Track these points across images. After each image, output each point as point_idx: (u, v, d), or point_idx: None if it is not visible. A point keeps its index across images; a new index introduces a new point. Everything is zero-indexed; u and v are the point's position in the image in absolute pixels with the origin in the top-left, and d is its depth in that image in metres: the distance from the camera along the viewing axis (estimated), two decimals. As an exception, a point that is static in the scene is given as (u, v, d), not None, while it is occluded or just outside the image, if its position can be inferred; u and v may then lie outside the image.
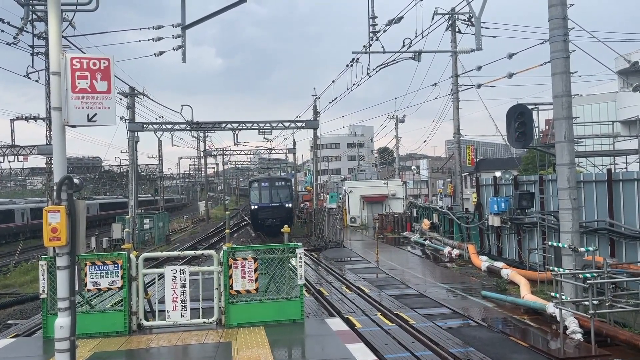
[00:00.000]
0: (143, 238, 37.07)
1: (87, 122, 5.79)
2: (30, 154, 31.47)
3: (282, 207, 35.83)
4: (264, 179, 38.60)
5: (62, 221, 5.46)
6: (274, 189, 36.46)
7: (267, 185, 36.87)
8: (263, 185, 36.96)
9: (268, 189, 36.60)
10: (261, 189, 36.64)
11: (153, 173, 61.75)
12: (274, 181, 37.85)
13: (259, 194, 36.51)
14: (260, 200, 36.21)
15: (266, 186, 36.82)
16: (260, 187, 36.84)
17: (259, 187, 36.99)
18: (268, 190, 36.43)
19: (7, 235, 47.69)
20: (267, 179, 38.46)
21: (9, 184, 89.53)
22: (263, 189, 36.58)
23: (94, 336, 8.42)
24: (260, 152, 63.38)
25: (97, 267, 8.65)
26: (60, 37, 5.89)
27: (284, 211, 35.64)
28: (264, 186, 36.87)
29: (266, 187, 36.72)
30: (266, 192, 36.41)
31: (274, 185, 36.88)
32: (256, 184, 37.70)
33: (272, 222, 34.05)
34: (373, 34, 20.11)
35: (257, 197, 36.64)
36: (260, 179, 39.41)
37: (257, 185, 37.59)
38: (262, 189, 36.66)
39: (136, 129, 32.11)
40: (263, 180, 38.16)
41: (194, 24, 13.96)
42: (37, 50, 23.40)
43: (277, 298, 9.14)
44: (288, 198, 36.82)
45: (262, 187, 36.81)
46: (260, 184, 37.38)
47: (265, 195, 36.41)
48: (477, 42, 21.65)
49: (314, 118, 36.52)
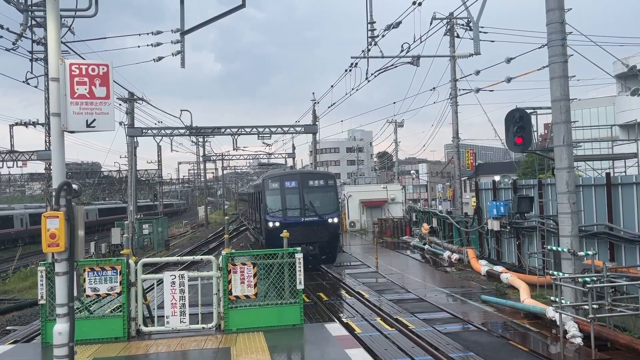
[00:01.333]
0: (142, 243, 37.01)
1: (86, 127, 5.80)
2: (29, 159, 31.43)
3: (323, 225, 21.02)
4: (290, 176, 22.85)
5: (60, 227, 5.45)
6: (308, 193, 21.78)
7: (295, 187, 21.93)
8: (288, 186, 22.04)
9: (297, 192, 21.78)
10: (285, 193, 21.91)
11: (152, 178, 61.68)
12: (307, 179, 22.41)
13: (281, 200, 21.75)
14: (283, 213, 21.32)
15: (294, 187, 21.94)
16: (284, 190, 21.97)
17: (280, 188, 22.01)
18: (297, 195, 21.69)
19: (6, 241, 47.60)
20: (294, 175, 22.83)
21: (8, 190, 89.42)
22: (289, 192, 21.88)
23: (93, 342, 8.39)
24: (260, 156, 63.37)
25: (96, 272, 8.63)
26: (59, 43, 5.90)
27: (325, 231, 21.14)
28: (290, 187, 22.06)
29: (294, 190, 21.88)
30: (294, 197, 21.72)
31: (308, 185, 21.95)
32: (275, 184, 22.18)
33: (306, 251, 17.81)
34: (372, 39, 20.16)
35: (276, 206, 21.74)
36: (282, 175, 23.14)
37: (276, 185, 22.19)
38: (287, 191, 21.95)
39: (135, 134, 32.12)
40: (288, 178, 22.50)
41: (193, 29, 13.98)
42: (36, 56, 23.43)
43: (276, 303, 9.12)
44: (333, 208, 21.78)
45: (286, 190, 22.00)
46: (284, 183, 22.08)
47: (292, 202, 21.70)
48: (476, 47, 21.71)
49: (313, 123, 36.55)
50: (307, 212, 21.01)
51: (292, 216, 20.96)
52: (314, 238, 20.61)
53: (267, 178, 22.64)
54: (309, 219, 20.86)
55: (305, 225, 20.55)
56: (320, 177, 22.89)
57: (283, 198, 21.48)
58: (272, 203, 21.69)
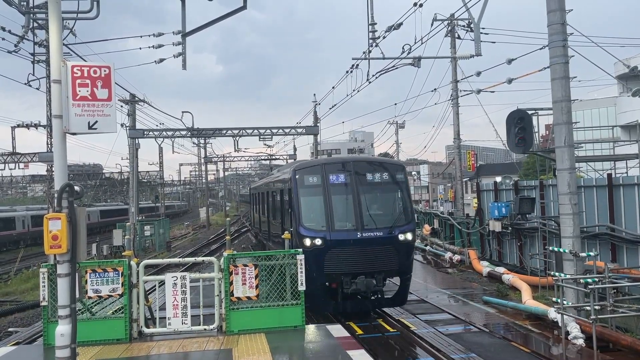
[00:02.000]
0: (144, 245, 37.04)
1: (88, 129, 5.81)
2: (31, 161, 31.50)
3: (391, 244, 12.71)
4: (337, 165, 13.65)
5: (62, 228, 5.47)
6: (366, 192, 13.31)
7: (345, 182, 13.26)
8: (335, 182, 13.24)
9: (350, 190, 13.12)
10: (330, 192, 13.04)
11: (154, 180, 61.77)
12: (365, 170, 13.59)
13: (325, 204, 12.88)
14: (328, 225, 12.62)
15: (343, 184, 13.25)
16: (328, 187, 13.07)
17: (323, 185, 13.07)
18: (350, 196, 13.04)
19: (8, 243, 47.68)
20: (344, 165, 13.62)
21: (10, 191, 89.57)
22: (336, 191, 13.16)
23: (95, 344, 8.40)
24: (261, 158, 63.39)
25: (98, 274, 8.64)
26: (61, 45, 5.92)
27: (395, 254, 12.74)
28: (338, 184, 13.26)
29: (344, 187, 13.20)
30: (345, 199, 13.10)
31: (366, 180, 13.45)
32: (313, 178, 13.34)
33: (365, 287, 12.18)
34: (373, 40, 20.17)
35: (315, 214, 13.13)
36: (326, 164, 13.72)
37: (315, 180, 13.33)
38: (334, 189, 13.14)
39: (137, 135, 32.15)
40: (335, 169, 13.43)
41: (194, 31, 14.01)
42: (38, 58, 23.47)
43: (277, 304, 9.12)
44: (406, 217, 13.30)
45: (332, 187, 13.14)
46: (328, 176, 13.18)
47: (342, 207, 13.11)
48: (477, 48, 21.71)
49: (314, 124, 36.56)
50: (367, 224, 12.39)
51: (343, 230, 12.35)
52: (378, 265, 12.26)
53: (301, 169, 13.33)
54: (369, 234, 12.26)
55: (364, 245, 12.15)
56: (385, 167, 13.61)
57: (327, 200, 12.58)
58: (308, 209, 12.85)
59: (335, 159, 16.13)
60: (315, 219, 12.80)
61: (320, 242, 12.21)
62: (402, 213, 13.27)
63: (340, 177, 13.31)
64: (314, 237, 12.30)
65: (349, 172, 13.22)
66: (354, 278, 12.00)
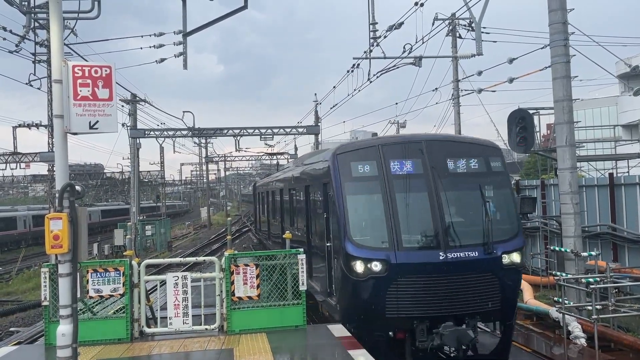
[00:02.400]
0: (145, 245, 37.08)
1: (89, 129, 5.81)
2: (32, 161, 31.54)
3: (491, 270, 8.22)
4: (404, 146, 9.08)
5: (64, 228, 5.47)
6: (449, 190, 8.62)
7: (417, 173, 8.70)
8: (400, 172, 8.70)
9: (424, 186, 8.59)
10: (393, 189, 8.56)
11: (155, 179, 61.79)
12: (445, 155, 8.91)
13: (387, 208, 8.48)
14: (392, 241, 8.25)
15: (414, 175, 8.69)
16: (391, 181, 8.59)
17: (383, 178, 8.67)
18: (426, 195, 8.53)
19: (9, 243, 47.74)
20: (413, 145, 9.00)
21: (11, 191, 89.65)
22: (399, 186, 8.61)
23: (96, 343, 8.40)
24: (262, 157, 63.35)
25: (99, 274, 8.64)
26: (62, 45, 5.92)
27: (496, 285, 8.25)
28: (403, 173, 8.71)
29: (416, 181, 8.66)
30: (418, 200, 8.62)
31: (447, 171, 8.76)
32: (367, 166, 8.85)
33: (457, 338, 7.83)
34: (374, 40, 20.15)
35: (372, 224, 8.80)
36: (384, 145, 9.10)
37: (370, 169, 8.82)
38: (399, 185, 8.63)
39: (138, 135, 32.16)
40: (400, 152, 8.91)
41: (195, 30, 14.00)
42: (39, 58, 23.49)
43: (279, 304, 9.12)
44: (510, 227, 8.92)
45: (396, 180, 8.62)
46: (388, 164, 8.73)
47: (415, 214, 8.60)
48: (478, 47, 21.68)
49: (315, 123, 36.55)
50: (453, 240, 8.42)
51: (416, 248, 8.53)
52: (471, 304, 8.26)
53: (346, 152, 9.34)
54: (457, 254, 8.26)
55: (451, 271, 8.19)
56: (476, 149, 9.36)
57: (389, 201, 8.63)
58: (358, 214, 8.94)
59: (399, 137, 10.40)
60: (371, 231, 8.52)
61: (379, 268, 7.98)
62: (504, 221, 8.80)
63: (407, 164, 8.61)
64: (370, 259, 7.99)
65: (420, 157, 8.67)
66: (435, 325, 7.88)
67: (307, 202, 11.71)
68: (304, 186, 12.00)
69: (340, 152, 9.26)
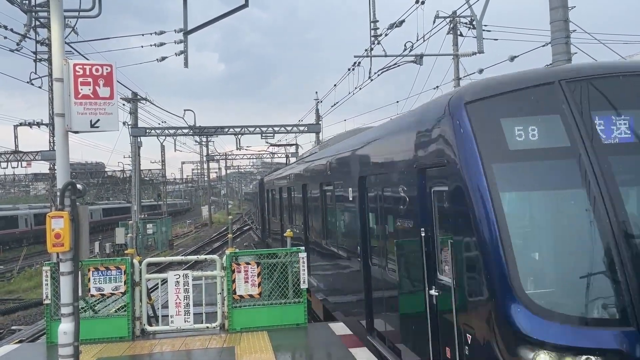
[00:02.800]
0: (146, 243, 37.11)
1: (90, 128, 5.81)
2: (34, 159, 31.60)
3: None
4: (607, 82, 4.41)
5: (65, 227, 5.47)
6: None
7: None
8: (614, 133, 4.18)
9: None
10: (609, 177, 4.04)
11: (156, 178, 61.85)
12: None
13: (603, 228, 3.94)
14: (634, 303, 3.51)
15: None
16: (601, 159, 4.10)
17: (589, 151, 4.16)
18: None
19: (11, 241, 47.82)
20: (622, 79, 4.32)
21: (13, 190, 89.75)
22: (624, 172, 4.09)
23: (98, 342, 8.41)
24: (263, 156, 63.37)
25: (101, 272, 8.65)
26: (63, 44, 5.92)
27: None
28: (626, 143, 4.15)
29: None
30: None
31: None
32: (533, 130, 4.29)
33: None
34: (374, 38, 20.13)
35: (566, 261, 4.13)
36: (563, 82, 4.42)
37: (546, 136, 4.29)
38: (616, 165, 4.07)
39: (139, 134, 32.17)
40: (615, 94, 4.35)
41: (196, 29, 13.98)
42: (40, 57, 23.52)
43: (280, 302, 9.12)
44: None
45: (610, 161, 4.09)
46: (591, 122, 4.27)
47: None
48: (479, 45, 21.64)
49: (316, 122, 36.55)
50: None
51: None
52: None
53: (492, 101, 4.61)
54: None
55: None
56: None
57: (612, 208, 4.04)
58: (534, 239, 4.43)
59: (601, 66, 5.11)
60: (567, 274, 4.31)
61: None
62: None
63: (623, 122, 4.50)
64: (573, 348, 3.81)
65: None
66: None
67: (364, 203, 7.52)
68: (357, 179, 7.70)
69: (473, 97, 4.64)
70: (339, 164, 9.23)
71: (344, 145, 9.28)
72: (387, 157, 6.76)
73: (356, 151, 8.21)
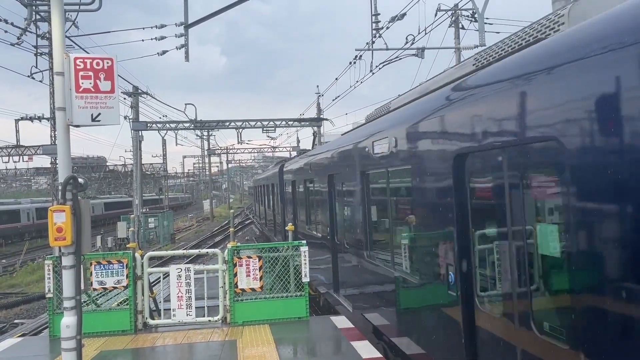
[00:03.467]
0: (148, 237, 37.20)
1: (91, 122, 5.81)
2: (35, 154, 31.61)
3: None
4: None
5: (67, 221, 5.48)
6: None
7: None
8: None
9: None
10: None
11: (157, 172, 61.90)
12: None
13: None
14: None
15: None
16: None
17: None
18: None
19: (13, 235, 47.96)
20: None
21: (14, 184, 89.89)
22: None
23: (100, 335, 8.44)
24: (264, 150, 63.35)
25: (103, 266, 8.67)
26: (64, 37, 5.90)
27: None
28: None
29: None
30: None
31: None
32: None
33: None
34: (376, 31, 20.08)
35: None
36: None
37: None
38: None
39: (140, 128, 32.17)
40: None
41: (197, 22, 13.98)
42: (40, 51, 23.49)
43: (282, 296, 9.14)
44: None
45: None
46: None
47: None
48: (481, 38, 21.58)
49: (317, 116, 36.51)
50: None
51: None
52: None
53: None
54: None
55: None
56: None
57: None
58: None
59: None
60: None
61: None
62: None
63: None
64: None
65: None
66: None
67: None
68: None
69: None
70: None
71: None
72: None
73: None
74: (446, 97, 5.41)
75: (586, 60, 3.18)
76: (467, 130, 4.63)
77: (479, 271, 4.62)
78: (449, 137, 5.07)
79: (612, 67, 2.96)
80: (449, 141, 5.05)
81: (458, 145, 4.80)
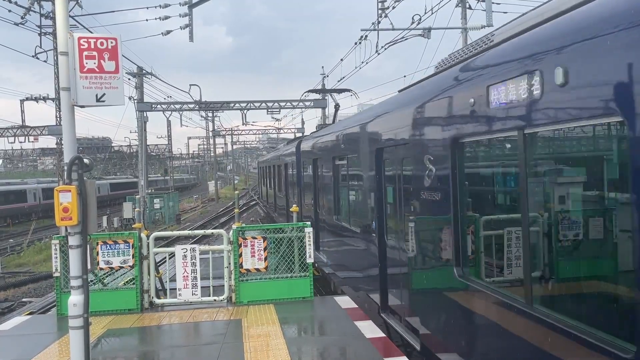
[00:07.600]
0: (153, 218, 37.41)
1: (96, 102, 5.79)
2: (41, 134, 31.68)
3: None
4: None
5: (73, 201, 5.50)
6: None
7: None
8: None
9: None
10: None
11: (162, 153, 62.00)
12: None
13: None
14: None
15: None
16: None
17: None
18: None
19: (20, 215, 48.36)
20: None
21: (20, 165, 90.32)
22: None
23: (107, 314, 8.55)
24: (269, 131, 63.25)
25: (109, 246, 8.74)
26: (68, 17, 5.86)
27: None
28: None
29: None
30: None
31: None
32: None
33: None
34: (382, 11, 19.86)
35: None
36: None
37: None
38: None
39: (145, 109, 32.12)
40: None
41: (200, 2, 13.85)
42: (44, 30, 23.39)
43: (286, 276, 9.21)
44: None
45: None
46: None
47: None
48: (488, 18, 21.31)
49: (322, 97, 36.30)
50: None
51: None
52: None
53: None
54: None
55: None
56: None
57: None
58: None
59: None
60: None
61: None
62: None
63: None
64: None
65: None
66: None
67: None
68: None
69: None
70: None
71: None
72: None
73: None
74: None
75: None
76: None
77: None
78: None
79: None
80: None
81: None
